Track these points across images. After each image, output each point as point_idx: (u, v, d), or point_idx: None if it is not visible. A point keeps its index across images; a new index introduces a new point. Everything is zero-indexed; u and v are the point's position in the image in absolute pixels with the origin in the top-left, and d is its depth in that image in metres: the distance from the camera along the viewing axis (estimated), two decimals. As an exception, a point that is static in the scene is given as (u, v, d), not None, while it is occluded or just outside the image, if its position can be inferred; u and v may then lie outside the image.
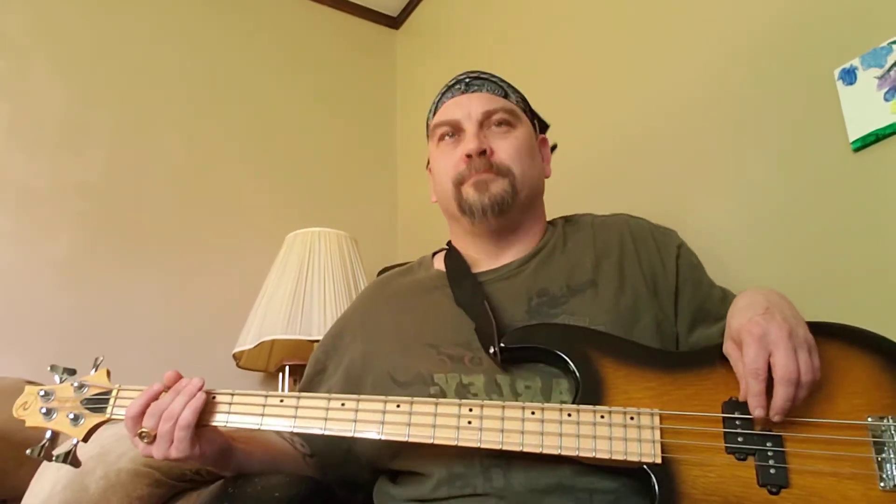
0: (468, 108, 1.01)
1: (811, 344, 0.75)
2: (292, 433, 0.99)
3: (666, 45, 1.59)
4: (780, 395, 0.72)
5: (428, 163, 1.12)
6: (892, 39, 1.14)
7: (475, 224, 1.00)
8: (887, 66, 1.14)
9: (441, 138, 1.04)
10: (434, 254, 1.13)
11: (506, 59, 2.10)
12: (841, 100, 1.19)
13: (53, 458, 0.86)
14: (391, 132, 2.67)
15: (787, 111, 1.30)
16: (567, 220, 1.10)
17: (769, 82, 1.34)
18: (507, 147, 1.00)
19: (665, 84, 1.57)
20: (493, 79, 1.06)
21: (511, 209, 0.99)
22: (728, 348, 0.79)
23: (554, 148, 1.15)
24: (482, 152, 0.98)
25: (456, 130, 1.02)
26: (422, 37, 2.68)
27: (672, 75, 1.56)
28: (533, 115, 1.10)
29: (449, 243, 1.11)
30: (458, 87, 1.05)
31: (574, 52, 1.87)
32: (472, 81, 1.05)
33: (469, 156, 0.98)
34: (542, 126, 1.13)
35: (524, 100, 1.09)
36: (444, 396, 0.88)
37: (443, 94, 1.08)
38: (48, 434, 0.88)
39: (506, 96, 1.04)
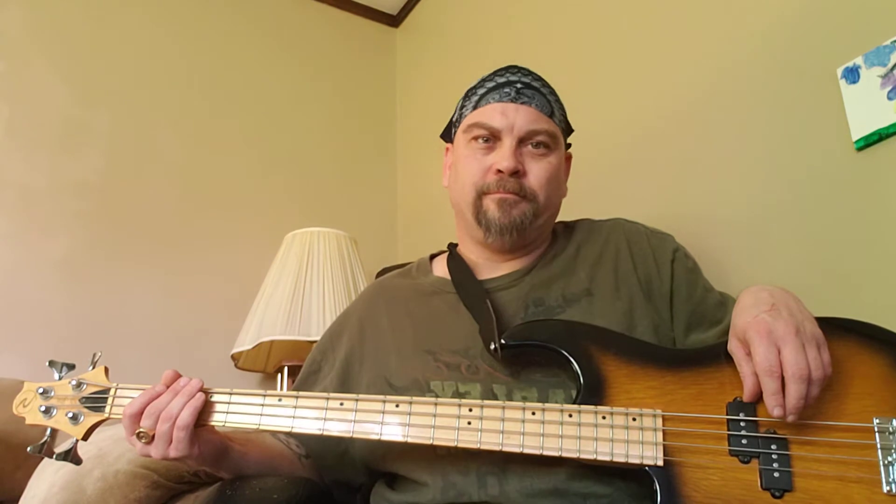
0: (513, 120, 0.97)
1: (820, 339, 0.73)
2: (286, 435, 0.98)
3: (668, 44, 1.58)
4: (793, 393, 0.70)
5: (443, 145, 1.10)
6: (894, 38, 1.14)
7: (488, 239, 0.99)
8: (890, 64, 1.14)
9: (475, 138, 1.00)
10: (432, 258, 1.13)
11: (505, 56, 2.09)
12: (844, 98, 1.19)
13: (54, 456, 0.86)
14: (391, 131, 2.66)
15: (790, 110, 1.29)
16: (566, 226, 1.10)
17: (772, 81, 1.33)
18: (539, 172, 0.97)
19: (667, 83, 1.57)
20: (544, 90, 1.02)
21: (527, 232, 0.98)
22: (732, 347, 0.77)
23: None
24: (515, 172, 0.96)
25: (493, 137, 0.99)
26: (421, 35, 2.67)
27: (674, 74, 1.55)
28: (568, 133, 1.07)
29: (449, 246, 1.10)
30: (507, 90, 1.00)
31: (574, 50, 1.86)
32: (523, 90, 1.00)
33: (500, 171, 0.96)
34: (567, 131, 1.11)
35: (565, 116, 1.06)
36: None
37: (490, 89, 1.02)
38: (48, 432, 0.87)
39: (551, 114, 1.01)
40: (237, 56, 2.38)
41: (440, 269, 1.08)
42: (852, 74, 1.18)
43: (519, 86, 1.00)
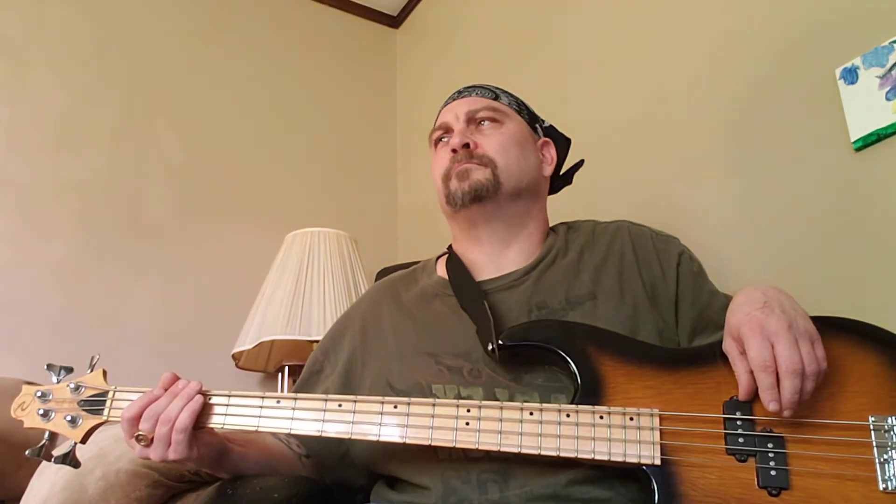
0: (456, 110, 1.06)
1: (813, 334, 0.74)
2: (287, 434, 0.98)
3: (667, 45, 1.59)
4: (787, 388, 0.70)
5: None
6: (893, 38, 1.14)
7: (458, 212, 1.02)
8: (889, 65, 1.14)
9: (437, 142, 1.09)
10: (438, 258, 1.13)
11: (505, 57, 2.09)
12: (842, 99, 1.19)
13: (53, 459, 0.86)
14: (391, 132, 2.66)
15: (789, 110, 1.30)
16: (569, 226, 1.09)
17: (771, 81, 1.34)
18: (491, 141, 1.03)
19: (666, 83, 1.57)
20: (487, 86, 1.10)
21: (492, 197, 0.99)
22: (727, 346, 0.78)
23: (580, 164, 1.16)
24: (465, 146, 1.02)
25: (447, 132, 1.07)
26: (422, 35, 2.68)
27: (673, 75, 1.55)
28: (533, 119, 1.11)
29: (450, 247, 1.10)
30: (453, 96, 1.11)
31: (574, 51, 1.86)
32: (465, 90, 1.10)
33: (454, 150, 1.02)
34: (563, 140, 1.14)
35: (521, 103, 1.11)
36: None
37: (442, 107, 1.13)
38: (46, 435, 0.87)
39: (496, 98, 1.08)
40: (237, 57, 2.38)
41: (442, 269, 1.08)
42: (851, 75, 1.19)
43: (461, 89, 1.11)
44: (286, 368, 1.93)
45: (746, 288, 0.82)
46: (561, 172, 1.15)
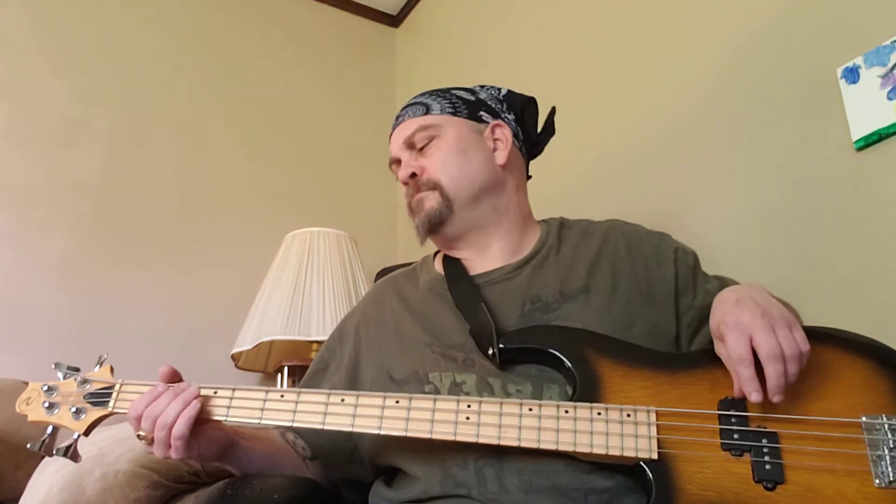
0: (396, 140, 1.08)
1: (789, 319, 0.75)
2: (295, 436, 1.00)
3: (668, 45, 1.59)
4: (771, 373, 0.72)
5: None
6: (894, 38, 1.14)
7: (425, 242, 1.05)
8: (890, 64, 1.14)
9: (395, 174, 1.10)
10: (435, 254, 1.14)
11: (505, 57, 2.10)
12: (844, 98, 1.20)
13: (54, 453, 0.86)
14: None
15: (790, 110, 1.30)
16: (562, 223, 1.10)
17: (772, 81, 1.34)
18: (432, 161, 1.03)
19: (667, 83, 1.57)
20: (419, 100, 1.09)
21: (449, 217, 1.01)
22: (718, 348, 0.79)
23: (552, 113, 1.14)
24: (412, 176, 1.03)
25: (397, 164, 1.08)
26: (421, 35, 2.68)
27: (674, 75, 1.55)
28: (476, 109, 1.08)
29: None
30: (394, 123, 1.11)
31: (573, 50, 1.86)
32: (401, 114, 1.10)
33: (406, 184, 1.05)
34: (526, 102, 1.11)
35: (458, 101, 1.08)
36: (439, 394, 0.88)
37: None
38: (49, 429, 0.87)
39: (427, 111, 1.06)
40: (237, 56, 2.39)
41: (440, 265, 1.09)
42: (852, 74, 1.19)
43: (399, 113, 1.10)
44: (285, 369, 1.93)
45: (719, 293, 0.84)
46: (538, 130, 1.14)
